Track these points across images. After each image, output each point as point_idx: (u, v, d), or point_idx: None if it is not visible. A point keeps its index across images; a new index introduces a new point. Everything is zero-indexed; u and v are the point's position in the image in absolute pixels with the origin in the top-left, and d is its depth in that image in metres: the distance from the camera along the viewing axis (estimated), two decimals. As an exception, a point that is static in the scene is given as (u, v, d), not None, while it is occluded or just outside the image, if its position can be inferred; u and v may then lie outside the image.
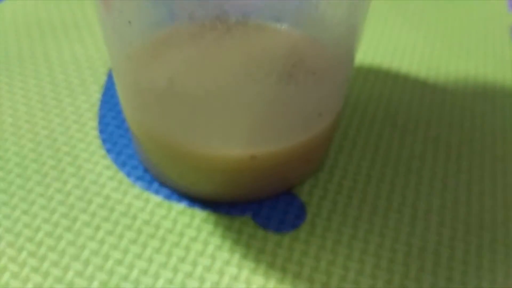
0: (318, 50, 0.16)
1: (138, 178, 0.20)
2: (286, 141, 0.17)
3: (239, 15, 0.14)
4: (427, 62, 0.26)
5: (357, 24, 0.16)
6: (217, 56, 0.15)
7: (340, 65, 0.17)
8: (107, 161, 0.20)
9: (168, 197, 0.19)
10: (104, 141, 0.21)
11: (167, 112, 0.17)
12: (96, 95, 0.23)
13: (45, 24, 0.27)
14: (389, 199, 0.19)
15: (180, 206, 0.19)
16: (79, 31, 0.27)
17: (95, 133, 0.22)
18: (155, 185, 0.20)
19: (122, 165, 0.20)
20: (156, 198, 0.19)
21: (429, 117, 0.23)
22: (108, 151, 0.21)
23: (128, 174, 0.20)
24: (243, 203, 0.19)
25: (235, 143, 0.17)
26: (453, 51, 0.27)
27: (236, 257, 0.17)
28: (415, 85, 0.25)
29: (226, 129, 0.17)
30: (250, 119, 0.16)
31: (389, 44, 0.27)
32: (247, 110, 0.16)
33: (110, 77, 0.24)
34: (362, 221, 0.19)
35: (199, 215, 0.19)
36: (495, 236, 0.18)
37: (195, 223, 0.18)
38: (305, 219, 0.19)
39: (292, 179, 0.19)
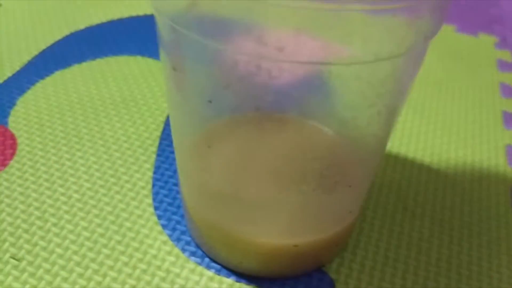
0: (354, 159, 0.20)
1: (192, 254, 0.23)
2: (322, 232, 0.21)
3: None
4: (431, 148, 0.30)
5: (390, 131, 0.20)
6: (266, 159, 0.19)
7: (371, 171, 0.21)
8: (164, 236, 0.24)
9: (218, 272, 0.23)
10: (159, 217, 0.25)
11: (227, 209, 0.21)
12: (148, 173, 0.27)
13: (96, 101, 0.31)
14: (404, 277, 0.23)
15: (229, 281, 0.22)
16: (127, 109, 0.31)
17: (151, 210, 0.25)
18: (206, 260, 0.23)
19: (177, 240, 0.24)
20: (208, 273, 0.23)
21: (434, 201, 0.27)
22: (164, 226, 0.24)
23: (183, 249, 0.23)
24: (282, 278, 0.23)
25: (282, 235, 0.21)
26: (452, 138, 0.31)
27: (280, 329, 0.21)
28: (421, 170, 0.29)
29: (274, 224, 0.20)
30: (294, 217, 0.20)
31: (397, 129, 0.31)
32: (291, 211, 0.20)
33: (159, 156, 0.28)
34: (382, 297, 0.22)
35: (246, 289, 0.22)
36: (492, 313, 0.22)
37: (243, 296, 0.22)
38: (335, 295, 0.22)
39: (324, 259, 0.23)
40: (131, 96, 0.32)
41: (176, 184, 0.26)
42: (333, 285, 0.23)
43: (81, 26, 0.38)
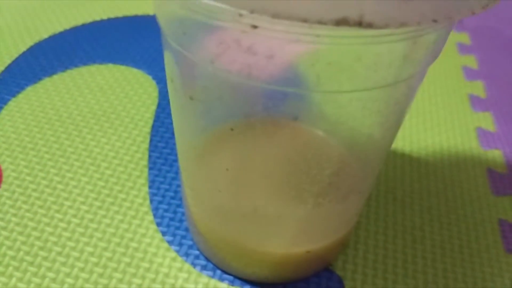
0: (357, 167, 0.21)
1: (203, 268, 0.24)
2: (333, 236, 0.22)
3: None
4: (409, 137, 0.32)
5: (391, 141, 0.21)
6: (272, 170, 0.20)
7: (376, 174, 0.22)
8: (172, 253, 0.24)
9: (232, 283, 0.23)
10: (163, 233, 0.25)
11: (239, 222, 0.21)
12: (144, 189, 0.27)
13: (76, 116, 0.30)
14: (404, 267, 0.25)
15: (243, 290, 0.23)
16: (110, 122, 0.30)
17: (154, 226, 0.25)
18: (218, 272, 0.24)
19: (186, 255, 0.24)
20: (222, 285, 0.23)
21: (420, 189, 0.29)
22: (170, 242, 0.24)
23: (193, 264, 0.24)
24: (294, 282, 0.23)
25: (295, 244, 0.21)
26: (427, 125, 0.33)
27: (300, 332, 0.22)
28: (403, 160, 0.30)
29: (288, 235, 0.21)
30: (307, 227, 0.21)
31: (376, 121, 0.33)
32: (305, 221, 0.21)
33: (151, 169, 0.28)
34: (388, 289, 0.24)
35: (261, 296, 0.23)
36: (487, 292, 0.24)
37: (260, 304, 0.22)
38: (344, 292, 0.23)
39: (331, 259, 0.24)
40: (111, 107, 0.31)
41: (174, 198, 0.26)
42: (341, 282, 0.24)
43: (44, 35, 0.36)
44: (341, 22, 0.12)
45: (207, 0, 0.13)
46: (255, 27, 0.14)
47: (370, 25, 0.12)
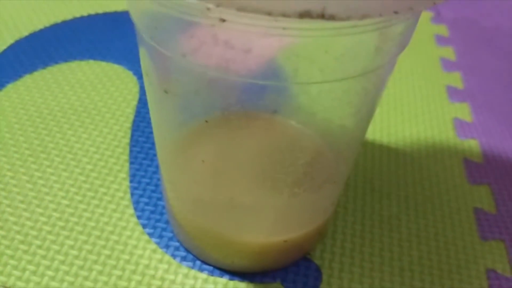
0: (330, 156, 0.22)
1: (183, 259, 0.24)
2: (309, 226, 0.22)
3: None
4: (387, 129, 0.33)
5: (364, 131, 0.21)
6: (247, 161, 0.20)
7: (351, 164, 0.22)
8: (152, 245, 0.24)
9: (211, 273, 0.24)
10: (144, 226, 0.25)
11: (216, 212, 0.21)
12: (125, 183, 0.27)
13: (57, 112, 0.31)
14: (381, 255, 0.25)
15: (223, 280, 0.23)
16: (91, 118, 0.30)
17: (134, 219, 0.25)
18: (198, 263, 0.24)
19: (166, 247, 0.24)
20: (202, 275, 0.23)
21: (397, 179, 0.29)
22: (150, 235, 0.25)
23: (173, 255, 0.24)
24: (272, 271, 0.24)
25: (272, 233, 0.22)
26: (405, 117, 0.34)
27: (279, 319, 0.22)
28: (381, 151, 0.31)
29: (264, 224, 0.21)
30: (283, 217, 0.21)
31: (355, 113, 0.33)
32: (281, 211, 0.21)
33: (132, 163, 0.28)
34: (365, 277, 0.24)
35: (240, 285, 0.23)
36: (462, 277, 0.25)
37: (239, 294, 0.23)
38: (322, 280, 0.24)
39: (309, 248, 0.24)
40: (92, 103, 0.31)
41: (154, 191, 0.27)
42: (319, 271, 0.24)
43: (25, 32, 0.36)
44: (304, 14, 0.13)
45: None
46: (223, 20, 0.14)
47: (332, 17, 0.13)
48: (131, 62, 0.35)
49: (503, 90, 0.38)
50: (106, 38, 0.37)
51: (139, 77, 0.34)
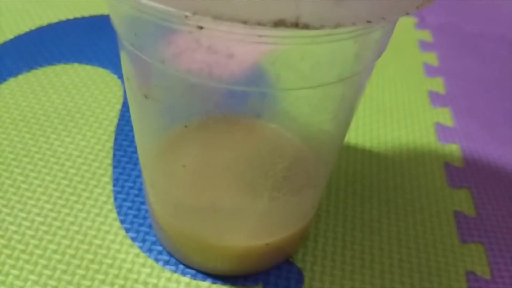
0: (312, 159, 0.22)
1: (166, 263, 0.24)
2: (290, 229, 0.23)
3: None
4: (369, 133, 0.33)
5: (343, 135, 0.22)
6: (228, 166, 0.21)
7: (331, 168, 0.23)
8: (135, 249, 0.24)
9: (194, 277, 0.24)
10: (127, 230, 0.25)
11: (197, 216, 0.22)
12: (108, 187, 0.27)
13: (41, 116, 0.31)
14: (362, 258, 0.26)
15: (205, 284, 0.24)
16: (75, 121, 0.30)
17: (117, 224, 0.25)
18: (181, 267, 0.24)
19: (149, 251, 0.24)
20: (184, 279, 0.24)
21: (379, 183, 0.30)
22: (133, 239, 0.25)
23: (156, 259, 0.24)
24: (255, 274, 0.24)
25: (253, 237, 0.22)
26: (387, 121, 0.34)
27: (260, 322, 0.22)
28: (363, 155, 0.31)
29: (245, 228, 0.22)
30: (264, 220, 0.22)
31: (338, 118, 0.34)
32: (262, 215, 0.21)
33: (116, 167, 0.28)
34: (346, 279, 0.24)
35: (222, 289, 0.23)
36: (442, 279, 0.25)
37: (221, 297, 0.23)
38: (304, 282, 0.24)
39: (291, 251, 0.25)
40: (76, 107, 0.32)
41: (138, 195, 0.27)
42: (301, 274, 0.24)
43: (9, 35, 0.36)
44: (279, 23, 0.13)
45: (152, 2, 0.14)
46: (200, 27, 0.14)
47: (306, 26, 0.13)
48: (116, 65, 0.35)
49: (484, 95, 0.38)
50: (91, 42, 0.37)
51: (124, 81, 0.34)
